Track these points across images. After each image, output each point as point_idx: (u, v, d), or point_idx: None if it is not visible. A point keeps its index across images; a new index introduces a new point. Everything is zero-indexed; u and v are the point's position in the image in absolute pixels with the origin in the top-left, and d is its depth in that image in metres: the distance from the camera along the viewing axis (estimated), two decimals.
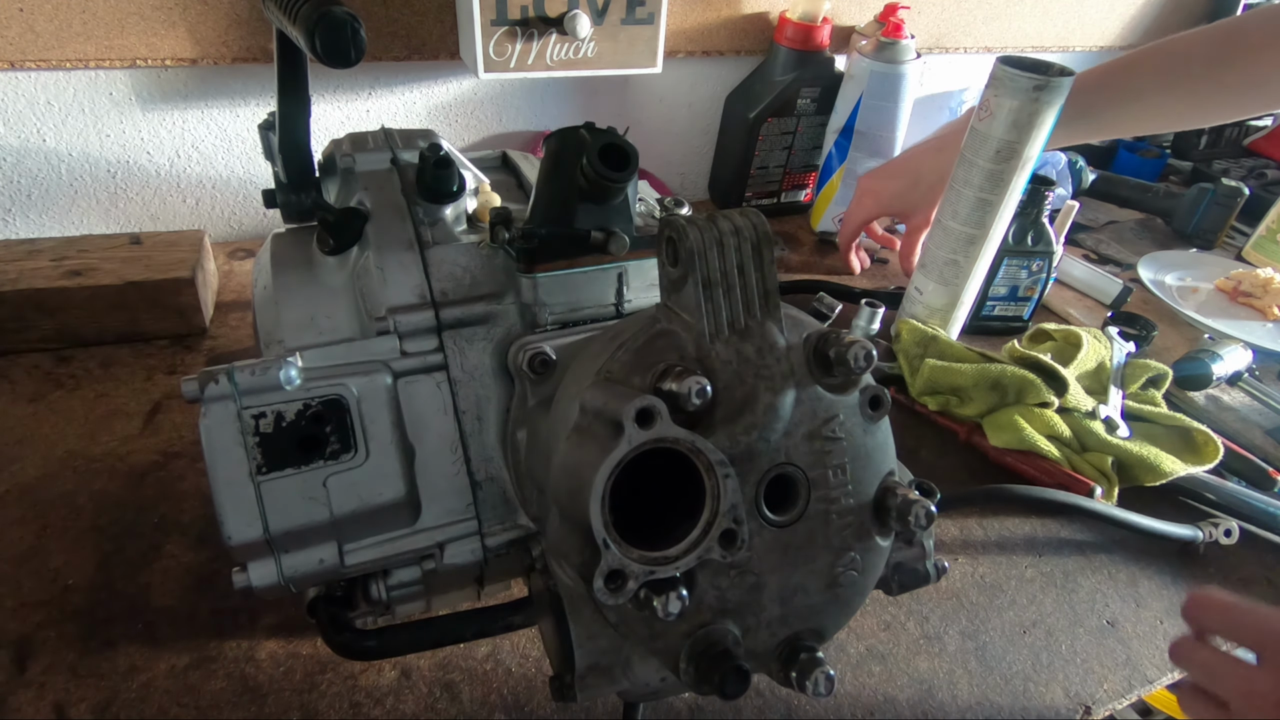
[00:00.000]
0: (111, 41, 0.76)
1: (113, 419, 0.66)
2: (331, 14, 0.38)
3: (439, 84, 0.94)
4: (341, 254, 0.46)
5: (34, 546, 0.55)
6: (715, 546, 0.31)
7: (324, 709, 0.48)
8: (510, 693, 0.50)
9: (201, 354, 0.74)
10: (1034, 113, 0.67)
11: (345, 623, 0.41)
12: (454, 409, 0.42)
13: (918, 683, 0.53)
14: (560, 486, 0.33)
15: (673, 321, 0.35)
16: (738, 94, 1.06)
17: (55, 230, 0.85)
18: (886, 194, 0.89)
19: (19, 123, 0.78)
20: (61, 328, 0.71)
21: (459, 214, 0.47)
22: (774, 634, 0.36)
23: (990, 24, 1.20)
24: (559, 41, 0.83)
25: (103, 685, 0.48)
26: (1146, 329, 0.89)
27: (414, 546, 0.42)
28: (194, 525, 0.58)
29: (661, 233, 0.35)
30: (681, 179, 1.16)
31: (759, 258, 0.34)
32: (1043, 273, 0.86)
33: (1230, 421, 0.78)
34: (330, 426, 0.39)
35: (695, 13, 0.99)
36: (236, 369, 0.37)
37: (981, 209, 0.73)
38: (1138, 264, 1.02)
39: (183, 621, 0.52)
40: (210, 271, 0.81)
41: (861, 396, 0.35)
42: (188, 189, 0.89)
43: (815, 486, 0.35)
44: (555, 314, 0.44)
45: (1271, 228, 1.10)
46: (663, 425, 0.29)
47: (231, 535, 0.37)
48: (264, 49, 0.81)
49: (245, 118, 0.86)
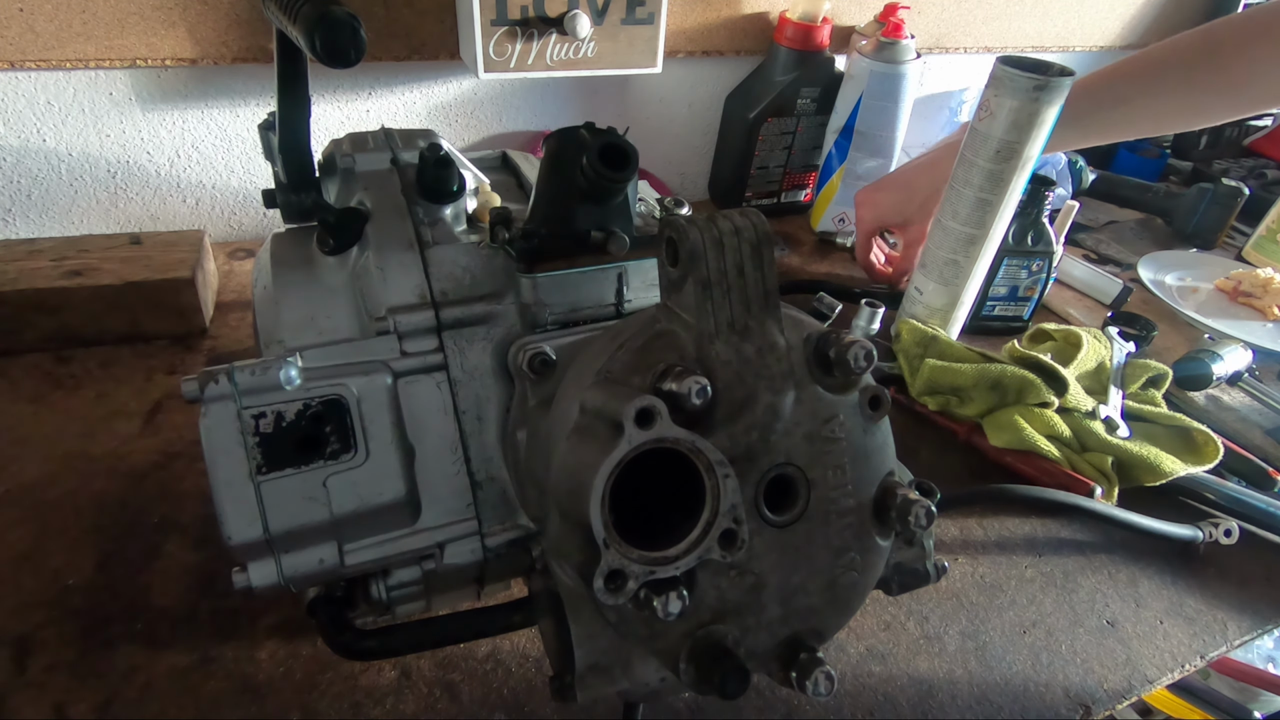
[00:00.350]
0: (111, 41, 0.76)
1: (113, 419, 0.66)
2: (331, 14, 0.38)
3: (439, 84, 0.94)
4: (341, 254, 0.46)
5: (34, 546, 0.55)
6: (715, 546, 0.31)
7: (324, 709, 0.48)
8: (510, 693, 0.50)
9: (201, 354, 0.74)
10: (1034, 113, 0.67)
11: (345, 623, 0.41)
12: (454, 409, 0.42)
13: (918, 683, 0.53)
14: (560, 486, 0.33)
15: (673, 321, 0.35)
16: (738, 94, 1.06)
17: (55, 230, 0.85)
18: (883, 205, 0.90)
19: (19, 123, 0.78)
20: (61, 328, 0.71)
21: (459, 214, 0.47)
22: (774, 634, 0.36)
23: (990, 24, 1.20)
24: (559, 41, 0.83)
25: (103, 685, 0.48)
26: (1146, 329, 0.89)
27: (414, 546, 0.42)
28: (194, 525, 0.58)
29: (661, 233, 0.35)
30: (681, 179, 1.16)
31: (759, 258, 0.34)
32: (1043, 273, 0.86)
33: (1230, 421, 0.78)
34: (330, 426, 0.39)
35: (695, 13, 0.99)
36: (236, 369, 0.37)
37: (981, 209, 0.73)
38: (1138, 264, 1.02)
39: (183, 621, 0.52)
40: (210, 271, 0.81)
41: (861, 396, 0.35)
42: (188, 189, 0.89)
43: (815, 487, 0.35)
44: (555, 314, 0.44)
45: (1271, 228, 1.10)
46: (663, 425, 0.29)
47: (231, 535, 0.37)
48: (264, 49, 0.81)
49: (245, 118, 0.86)
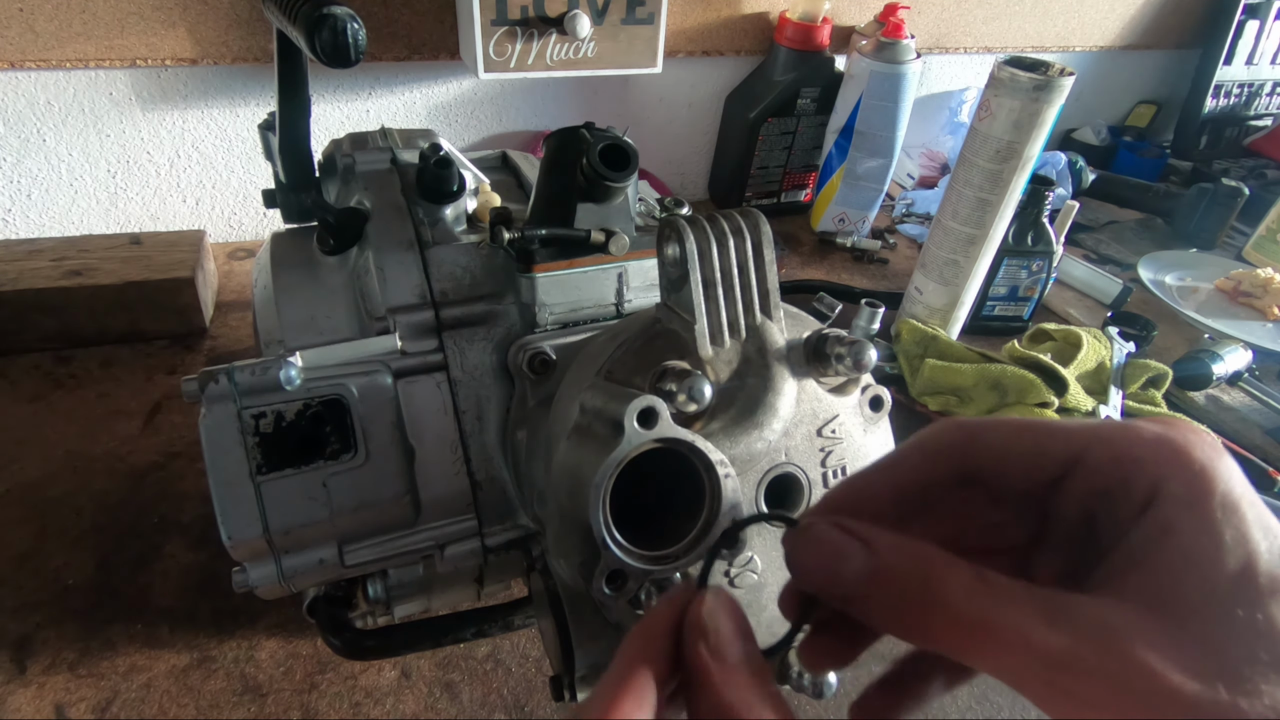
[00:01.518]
0: (111, 41, 0.76)
1: (113, 419, 0.66)
2: (331, 14, 0.38)
3: (439, 84, 0.94)
4: (341, 254, 0.46)
5: (34, 546, 0.55)
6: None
7: (324, 709, 0.48)
8: (510, 693, 0.50)
9: (201, 354, 0.74)
10: (1034, 113, 0.67)
11: (345, 623, 0.41)
12: (454, 409, 0.42)
13: None
14: (560, 486, 0.33)
15: (673, 321, 0.35)
16: (738, 94, 1.06)
17: (55, 230, 0.85)
18: None
19: (19, 123, 0.78)
20: (62, 328, 0.71)
21: (459, 214, 0.47)
22: (774, 634, 0.36)
23: (990, 24, 1.20)
24: (559, 41, 0.83)
25: (103, 685, 0.48)
26: (1146, 329, 0.89)
27: (414, 546, 0.42)
28: (194, 525, 0.58)
29: (661, 233, 0.35)
30: (681, 179, 1.16)
31: (759, 258, 0.34)
32: (1043, 273, 0.86)
33: (1230, 421, 0.78)
34: (330, 426, 0.39)
35: (695, 13, 0.99)
36: (236, 369, 0.37)
37: (981, 209, 0.73)
38: (1138, 264, 1.02)
39: (183, 621, 0.52)
40: (210, 271, 0.81)
41: (861, 396, 0.35)
42: (188, 189, 0.89)
43: (815, 487, 0.35)
44: (555, 314, 0.44)
45: (1271, 228, 1.10)
46: (663, 425, 0.29)
47: (231, 535, 0.37)
48: (264, 49, 0.81)
49: (245, 118, 0.86)
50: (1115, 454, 0.20)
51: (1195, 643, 0.17)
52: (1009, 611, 0.19)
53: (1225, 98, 1.39)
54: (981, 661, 0.19)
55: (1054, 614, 0.18)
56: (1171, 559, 0.19)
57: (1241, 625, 0.17)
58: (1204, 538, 0.18)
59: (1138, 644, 0.18)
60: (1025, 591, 0.19)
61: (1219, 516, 0.18)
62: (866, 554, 0.21)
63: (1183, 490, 0.19)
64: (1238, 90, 1.40)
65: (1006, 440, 0.22)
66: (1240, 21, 1.30)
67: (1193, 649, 0.17)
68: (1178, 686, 0.17)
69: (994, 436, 0.22)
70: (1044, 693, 0.19)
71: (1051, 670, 0.18)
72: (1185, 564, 0.18)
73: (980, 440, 0.23)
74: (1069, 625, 0.18)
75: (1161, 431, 0.20)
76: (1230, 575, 0.18)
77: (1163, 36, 1.36)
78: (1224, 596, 0.18)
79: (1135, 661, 0.17)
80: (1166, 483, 0.19)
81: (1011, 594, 0.19)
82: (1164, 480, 0.19)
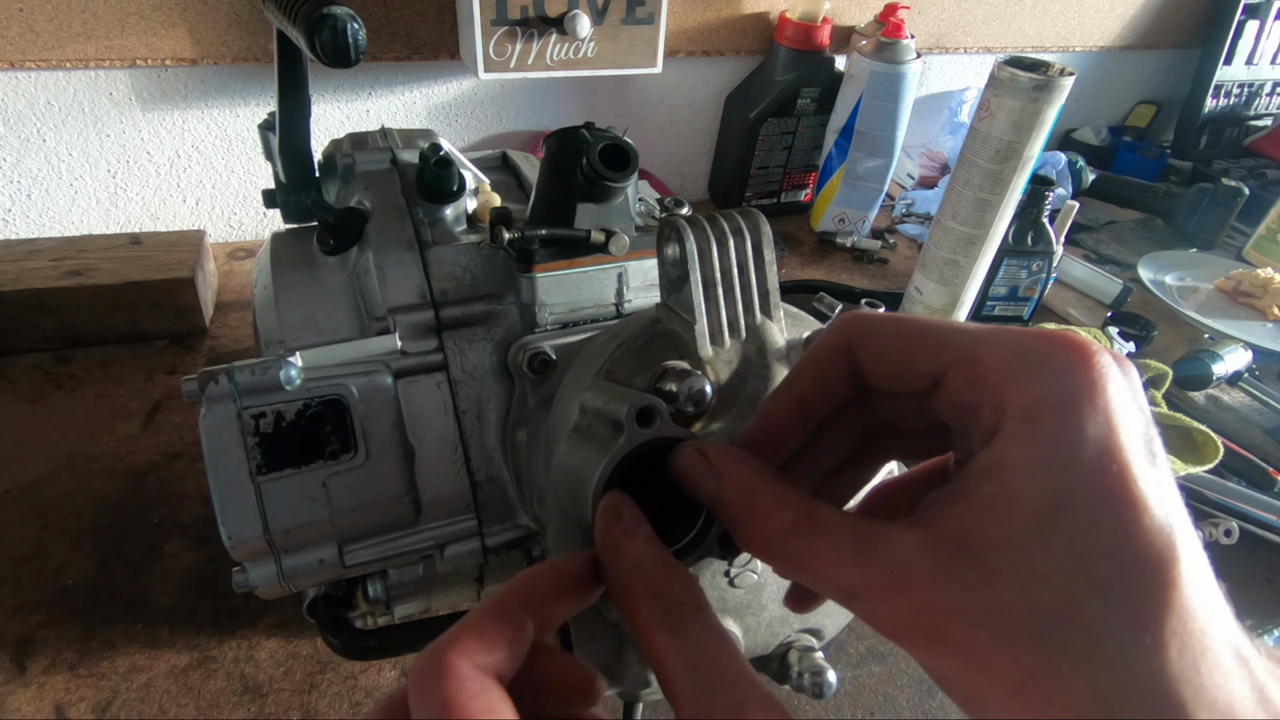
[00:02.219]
0: (111, 41, 0.76)
1: (113, 419, 0.66)
2: (331, 14, 0.38)
3: (439, 84, 0.94)
4: (341, 254, 0.46)
5: (34, 546, 0.55)
6: (715, 546, 0.31)
7: (324, 709, 0.48)
8: None
9: (201, 354, 0.74)
10: (1034, 113, 0.67)
11: (345, 623, 0.41)
12: (454, 409, 0.42)
13: (918, 683, 0.53)
14: (560, 486, 0.33)
15: (673, 321, 0.35)
16: (738, 94, 1.06)
17: (55, 230, 0.85)
18: None
19: (19, 123, 0.78)
20: (61, 328, 0.71)
21: (459, 214, 0.47)
22: (774, 634, 0.36)
23: (990, 24, 1.20)
24: (559, 41, 0.83)
25: (103, 685, 0.48)
26: (1146, 329, 0.89)
27: (414, 546, 0.42)
28: (194, 525, 0.58)
29: (661, 233, 0.35)
30: (681, 179, 1.16)
31: (759, 258, 0.34)
32: (1043, 273, 0.86)
33: (1230, 421, 0.78)
34: (330, 426, 0.39)
35: (695, 13, 0.99)
36: (236, 369, 0.37)
37: (981, 209, 0.73)
38: (1138, 264, 1.02)
39: (183, 621, 0.52)
40: (210, 271, 0.81)
41: None
42: (188, 189, 0.89)
43: None
44: (555, 314, 0.44)
45: (1271, 228, 1.10)
46: (663, 425, 0.29)
47: (231, 535, 0.37)
48: (264, 49, 0.81)
49: (245, 118, 0.86)
50: (971, 376, 0.21)
51: (981, 587, 0.18)
52: (822, 545, 0.21)
53: (1225, 98, 1.39)
54: (808, 586, 0.22)
55: (864, 548, 0.20)
56: (991, 496, 0.19)
57: (1025, 573, 0.18)
58: (1021, 480, 0.19)
59: (925, 582, 0.19)
60: (844, 526, 0.21)
61: (1043, 456, 0.19)
62: (716, 481, 0.24)
63: (1019, 428, 0.19)
64: (1238, 90, 1.40)
65: (883, 344, 0.23)
66: (1240, 21, 1.30)
67: (978, 593, 0.18)
68: (946, 630, 0.19)
69: (879, 337, 0.23)
70: (859, 616, 0.21)
71: (852, 601, 0.20)
72: (995, 508, 0.19)
73: (865, 341, 0.23)
74: (872, 561, 0.20)
75: (1021, 350, 0.20)
76: (1037, 517, 0.18)
77: (1163, 36, 1.36)
78: (1020, 542, 0.18)
79: (918, 600, 0.19)
80: (1008, 418, 0.19)
81: (830, 528, 0.21)
82: (1006, 412, 0.19)
